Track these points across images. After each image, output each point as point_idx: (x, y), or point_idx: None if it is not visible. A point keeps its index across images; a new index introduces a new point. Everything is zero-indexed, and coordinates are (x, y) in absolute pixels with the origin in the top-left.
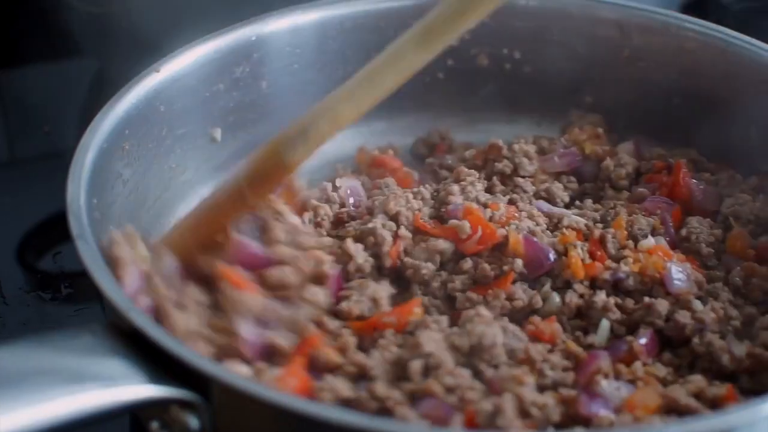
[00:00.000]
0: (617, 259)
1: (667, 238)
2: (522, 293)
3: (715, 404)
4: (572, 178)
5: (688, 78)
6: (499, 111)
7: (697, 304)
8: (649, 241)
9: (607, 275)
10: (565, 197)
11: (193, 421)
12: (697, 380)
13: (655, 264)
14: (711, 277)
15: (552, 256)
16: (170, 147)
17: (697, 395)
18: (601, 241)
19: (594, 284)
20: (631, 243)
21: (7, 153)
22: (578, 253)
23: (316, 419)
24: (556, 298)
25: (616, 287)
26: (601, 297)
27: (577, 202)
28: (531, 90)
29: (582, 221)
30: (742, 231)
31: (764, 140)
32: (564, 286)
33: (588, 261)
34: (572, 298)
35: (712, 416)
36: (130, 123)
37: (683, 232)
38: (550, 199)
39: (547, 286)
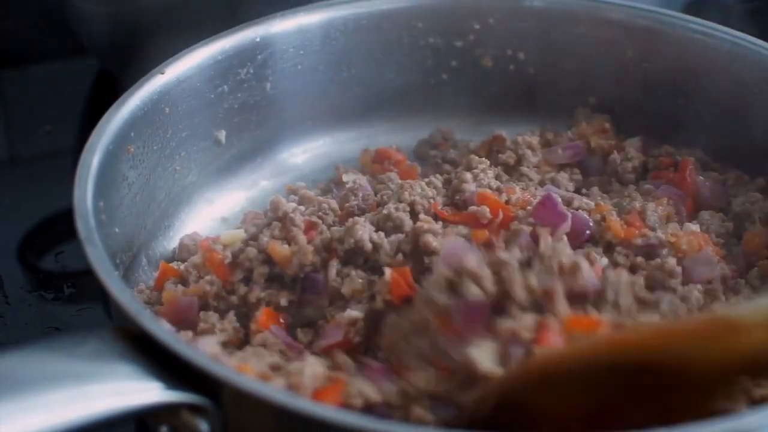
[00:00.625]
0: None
1: (680, 226)
2: None
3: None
4: (576, 170)
5: (691, 78)
6: (503, 112)
7: (723, 298)
8: (693, 226)
9: (639, 240)
10: (570, 187)
11: (203, 426)
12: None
13: (690, 242)
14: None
15: (591, 223)
16: (175, 149)
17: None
18: (641, 213)
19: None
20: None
21: (7, 153)
22: (615, 218)
23: (330, 423)
24: (605, 259)
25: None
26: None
27: (584, 190)
28: (535, 91)
29: (592, 203)
30: (762, 230)
31: None
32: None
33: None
34: (619, 259)
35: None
36: (135, 125)
37: (694, 223)
38: (556, 187)
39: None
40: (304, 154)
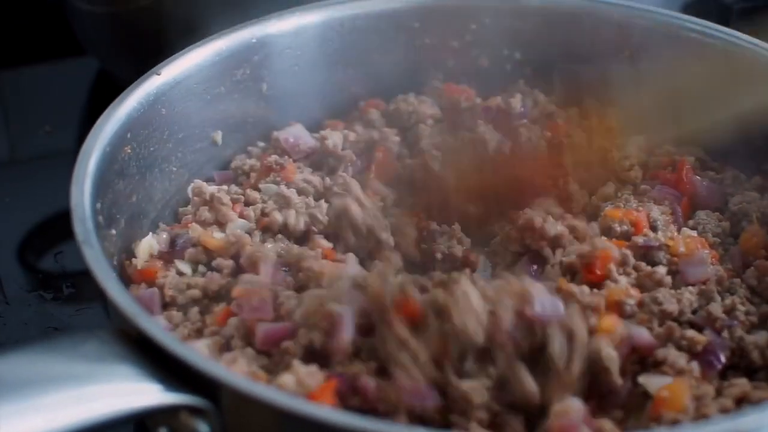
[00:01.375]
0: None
1: (676, 227)
2: None
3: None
4: None
5: (690, 78)
6: None
7: (718, 299)
8: (690, 232)
9: (641, 240)
10: None
11: (202, 427)
12: (742, 383)
13: (688, 245)
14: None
15: None
16: (171, 150)
17: (742, 399)
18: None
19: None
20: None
21: (7, 153)
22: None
23: (329, 424)
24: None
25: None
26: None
27: None
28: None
29: None
30: (759, 229)
31: (767, 140)
32: None
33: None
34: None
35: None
36: (132, 126)
37: (691, 223)
38: None
39: None
40: None
